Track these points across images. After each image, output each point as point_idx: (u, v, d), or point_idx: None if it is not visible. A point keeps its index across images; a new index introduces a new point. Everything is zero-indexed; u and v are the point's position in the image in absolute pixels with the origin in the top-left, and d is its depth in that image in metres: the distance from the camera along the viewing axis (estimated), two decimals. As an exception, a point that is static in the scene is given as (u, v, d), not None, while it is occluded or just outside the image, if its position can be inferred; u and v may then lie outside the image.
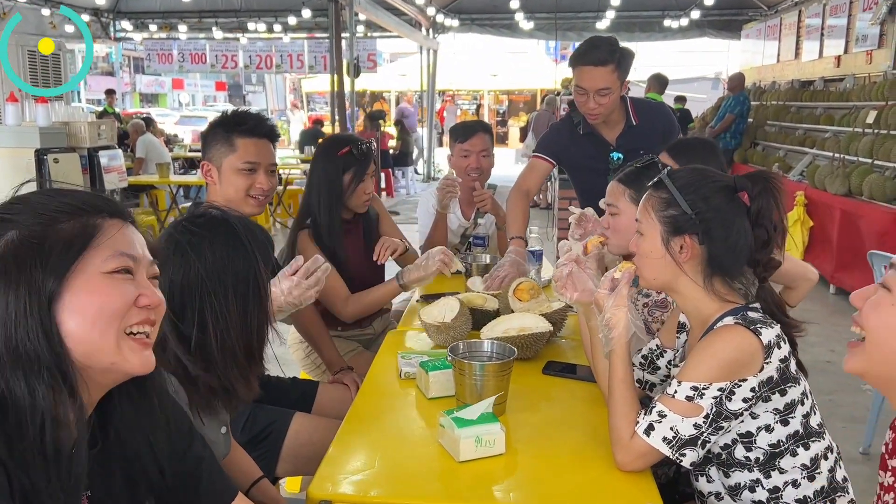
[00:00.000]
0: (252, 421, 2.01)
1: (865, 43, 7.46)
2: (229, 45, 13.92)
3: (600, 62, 2.56)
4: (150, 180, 7.44)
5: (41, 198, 0.92)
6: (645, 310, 2.00)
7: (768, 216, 1.43)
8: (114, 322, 0.91)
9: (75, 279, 0.89)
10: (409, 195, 12.30)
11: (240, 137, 2.07)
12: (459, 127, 3.15)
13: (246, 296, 1.38)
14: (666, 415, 1.37)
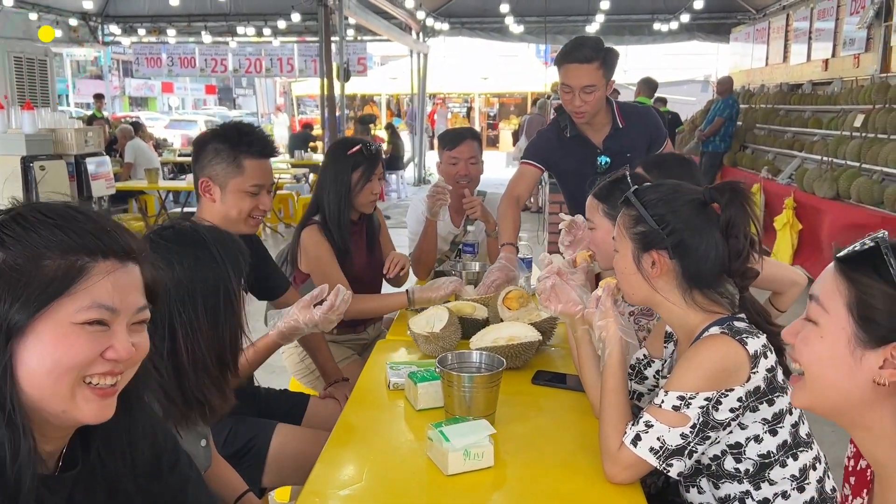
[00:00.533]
0: (233, 434, 1.99)
1: (853, 47, 7.51)
2: (219, 48, 13.87)
3: (585, 59, 2.59)
4: (139, 186, 7.40)
5: (41, 224, 0.88)
6: (631, 318, 2.00)
7: (740, 226, 1.43)
8: (70, 373, 0.87)
9: (42, 323, 0.85)
10: (399, 199, 12.29)
11: (248, 159, 2.02)
12: (448, 134, 3.15)
13: (216, 308, 1.37)
14: (653, 425, 1.37)
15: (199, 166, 2.04)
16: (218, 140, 2.02)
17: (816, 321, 0.97)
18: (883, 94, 6.18)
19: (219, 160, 2.01)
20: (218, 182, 2.01)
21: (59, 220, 0.89)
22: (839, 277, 0.94)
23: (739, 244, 1.43)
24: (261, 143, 2.05)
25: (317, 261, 2.50)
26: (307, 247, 2.54)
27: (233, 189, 2.01)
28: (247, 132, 2.04)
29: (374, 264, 2.74)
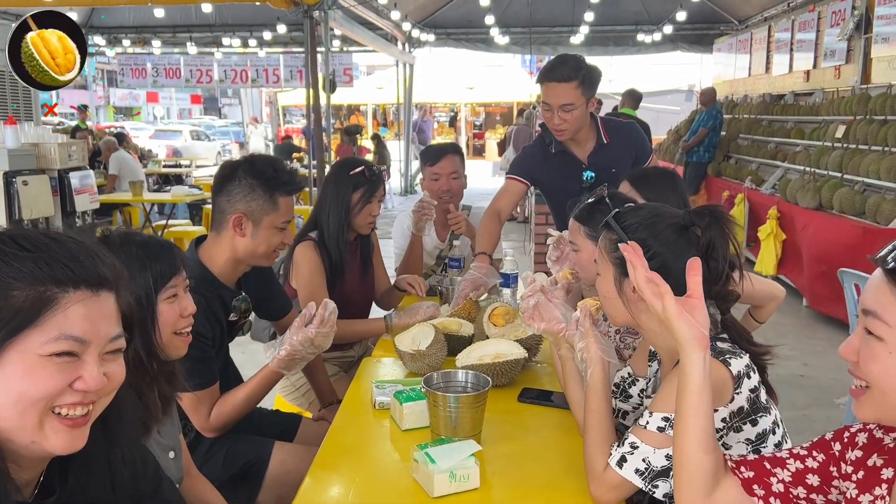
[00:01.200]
0: (232, 454, 1.99)
1: (833, 58, 7.60)
2: (204, 59, 13.84)
3: (564, 78, 2.61)
4: (123, 199, 7.35)
5: (11, 254, 0.87)
6: (616, 336, 2.01)
7: (720, 248, 1.44)
8: (37, 404, 0.86)
9: (8, 354, 0.85)
10: (386, 209, 12.29)
11: (282, 196, 2.04)
12: (429, 150, 3.17)
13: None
14: (638, 446, 1.37)
15: (231, 200, 2.00)
16: (253, 176, 2.00)
17: (881, 336, 0.95)
18: (863, 106, 6.26)
19: (255, 196, 2.00)
20: (252, 218, 2.00)
21: (32, 249, 0.88)
22: (895, 288, 0.93)
23: (719, 267, 1.44)
24: (293, 181, 2.09)
25: (307, 278, 2.49)
26: (299, 263, 2.53)
27: (267, 225, 2.01)
28: (281, 169, 2.06)
29: (366, 285, 2.75)
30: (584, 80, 2.62)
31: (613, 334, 2.02)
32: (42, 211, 3.99)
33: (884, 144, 5.66)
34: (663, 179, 2.27)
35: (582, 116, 2.67)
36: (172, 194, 7.29)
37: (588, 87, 2.64)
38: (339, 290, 2.56)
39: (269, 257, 2.09)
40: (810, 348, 4.94)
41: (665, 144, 11.16)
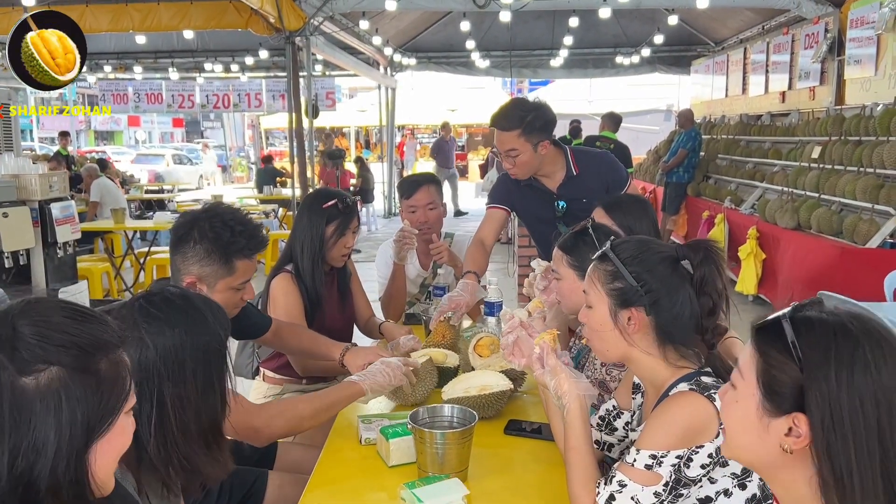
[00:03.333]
0: (228, 489, 1.97)
1: (808, 79, 7.75)
2: (186, 84, 13.84)
3: (505, 128, 2.68)
4: (105, 227, 7.30)
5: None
6: (603, 369, 2.02)
7: (712, 283, 1.47)
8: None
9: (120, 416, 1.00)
10: (370, 231, 12.29)
11: (240, 259, 1.97)
12: (404, 183, 3.18)
13: (208, 374, 1.37)
14: (626, 484, 1.38)
15: (186, 263, 1.95)
16: (209, 241, 1.93)
17: (735, 385, 1.04)
18: (838, 127, 6.37)
19: (210, 262, 1.93)
20: (206, 282, 1.95)
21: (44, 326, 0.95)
22: (753, 347, 1.02)
23: (711, 302, 1.47)
24: (253, 242, 2.00)
25: (285, 311, 2.49)
26: (276, 296, 2.53)
27: (221, 288, 1.96)
28: (240, 231, 1.97)
29: (346, 315, 2.75)
30: (526, 128, 2.65)
31: (599, 366, 2.03)
32: (23, 243, 3.96)
33: (859, 165, 5.77)
34: (636, 206, 2.30)
35: (530, 161, 2.71)
36: (154, 221, 7.24)
37: (531, 132, 2.66)
38: (318, 322, 2.56)
39: (227, 314, 2.07)
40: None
41: (645, 165, 11.28)
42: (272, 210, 10.03)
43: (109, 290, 6.72)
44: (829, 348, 0.96)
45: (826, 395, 0.94)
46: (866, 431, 0.93)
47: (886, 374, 0.94)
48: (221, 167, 24.70)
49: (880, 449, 0.93)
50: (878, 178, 5.48)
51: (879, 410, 0.93)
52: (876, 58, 6.36)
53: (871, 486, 0.92)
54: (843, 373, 0.94)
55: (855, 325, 0.97)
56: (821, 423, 0.95)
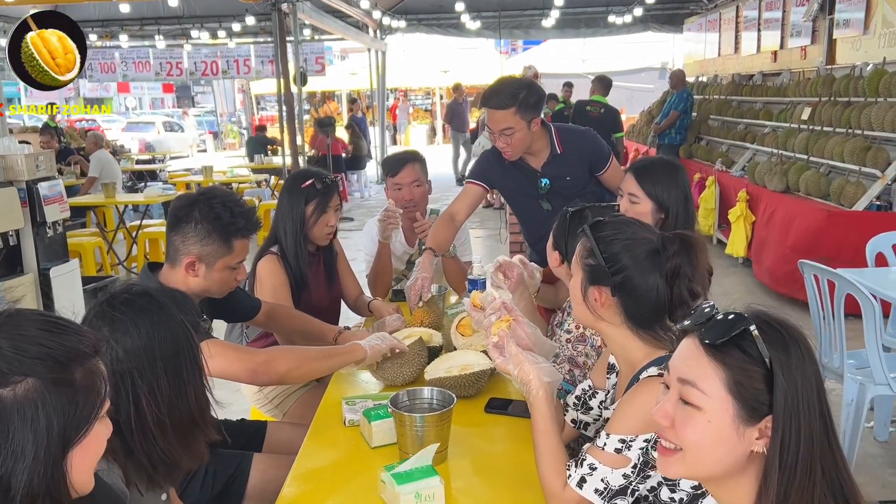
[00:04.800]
0: (212, 475, 2.03)
1: (800, 37, 7.69)
2: (173, 51, 13.69)
3: (500, 106, 2.65)
4: (96, 201, 7.28)
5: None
6: (569, 345, 2.08)
7: (685, 275, 1.49)
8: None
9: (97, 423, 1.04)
10: (363, 198, 12.29)
11: (238, 239, 2.05)
12: (389, 160, 3.18)
13: (178, 369, 1.40)
14: (596, 467, 1.43)
15: (187, 243, 2.01)
16: (209, 221, 2.00)
17: (699, 405, 1.01)
18: (828, 87, 6.35)
19: (210, 241, 2.01)
20: (205, 261, 2.02)
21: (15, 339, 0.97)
22: (712, 361, 1.00)
23: (683, 294, 1.49)
24: (250, 223, 2.08)
25: (271, 292, 2.53)
26: (262, 278, 2.57)
27: (220, 267, 2.04)
28: (239, 213, 2.05)
29: (333, 294, 2.78)
30: (521, 105, 2.64)
31: (565, 342, 2.08)
32: (12, 223, 3.97)
33: (847, 127, 5.76)
34: (666, 175, 2.27)
35: (524, 138, 2.71)
36: (145, 195, 7.25)
37: (526, 110, 2.66)
38: (305, 302, 2.60)
39: (222, 294, 2.13)
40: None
41: (638, 126, 11.24)
42: (264, 179, 10.00)
43: (102, 264, 6.75)
44: (786, 343, 0.99)
45: (790, 397, 0.98)
46: (814, 431, 0.97)
47: (818, 371, 1.00)
48: (213, 133, 24.53)
49: (827, 446, 0.98)
50: (866, 140, 5.49)
51: (823, 407, 0.99)
52: (866, 17, 6.30)
53: (813, 486, 0.97)
54: (797, 373, 0.98)
55: (788, 326, 1.01)
56: (781, 415, 0.98)
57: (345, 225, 9.18)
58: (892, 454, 3.38)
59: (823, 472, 0.98)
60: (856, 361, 3.13)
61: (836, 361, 3.13)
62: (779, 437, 0.98)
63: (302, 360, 2.06)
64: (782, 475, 0.98)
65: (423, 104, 25.65)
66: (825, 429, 0.98)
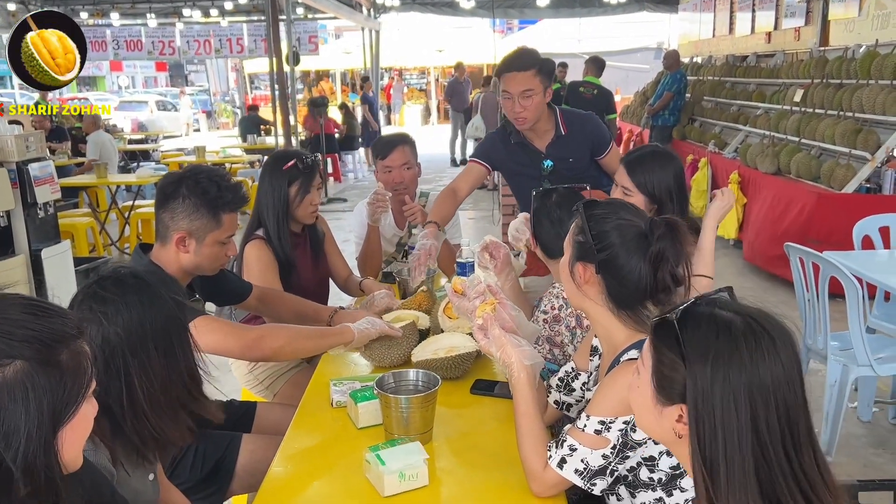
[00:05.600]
0: (201, 455, 2.06)
1: (794, 18, 7.67)
2: (165, 30, 13.58)
3: (522, 67, 2.74)
4: (88, 182, 7.26)
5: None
6: (546, 325, 2.11)
7: (669, 260, 1.51)
8: None
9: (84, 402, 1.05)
10: (356, 179, 12.27)
11: (226, 213, 2.07)
12: (379, 142, 3.19)
13: (169, 347, 1.43)
14: (577, 448, 1.47)
15: (175, 218, 2.04)
16: (197, 195, 2.03)
17: (639, 372, 1.14)
18: (820, 69, 6.35)
19: (199, 216, 2.03)
20: (196, 236, 2.05)
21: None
22: (650, 342, 1.11)
23: (666, 278, 1.51)
24: (238, 198, 2.11)
25: (259, 276, 2.54)
26: (250, 262, 2.58)
27: (210, 242, 2.06)
28: (225, 187, 2.08)
29: (320, 275, 2.80)
30: (541, 69, 2.75)
31: (542, 323, 2.11)
32: (2, 205, 3.98)
33: (839, 109, 5.77)
34: (654, 161, 2.32)
35: (541, 104, 2.79)
36: (137, 175, 7.23)
37: (545, 75, 2.77)
38: (294, 283, 2.63)
39: (214, 270, 2.15)
40: (768, 312, 5.09)
41: (632, 107, 11.22)
42: (257, 160, 9.97)
43: (95, 245, 6.75)
44: (708, 346, 1.03)
45: (700, 389, 1.02)
46: (738, 427, 1.00)
47: (765, 370, 1.01)
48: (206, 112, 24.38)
49: (756, 443, 1.00)
50: (857, 123, 5.50)
51: (755, 406, 1.01)
52: (860, -2, 6.29)
53: (740, 481, 1.00)
54: (719, 370, 1.02)
55: (741, 323, 1.04)
56: (695, 416, 1.03)
57: (338, 206, 9.18)
58: (875, 434, 3.44)
59: (758, 482, 1.00)
60: (839, 343, 3.17)
61: (821, 343, 3.17)
62: (694, 429, 1.04)
63: (293, 337, 2.11)
64: (705, 469, 1.03)
65: (418, 84, 25.52)
66: (758, 439, 1.00)
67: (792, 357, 1.04)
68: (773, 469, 1.00)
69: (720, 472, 1.01)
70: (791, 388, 1.03)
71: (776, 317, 1.07)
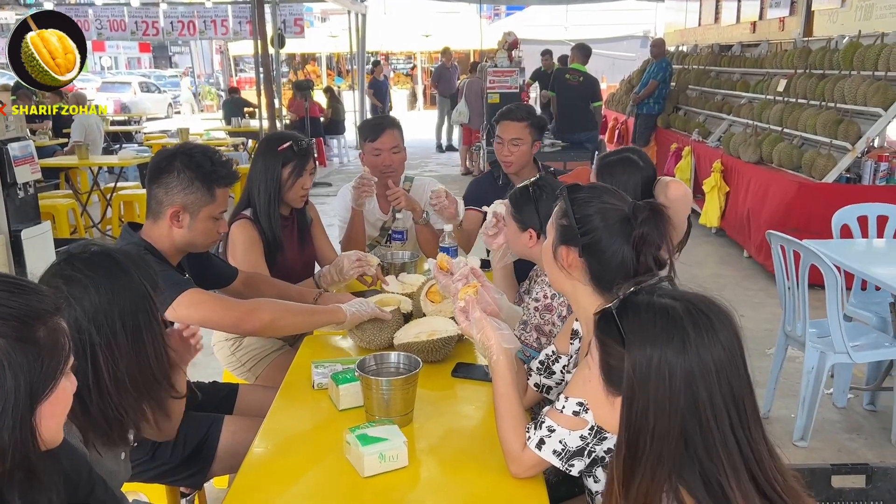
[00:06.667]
0: (183, 438, 2.06)
1: (779, 8, 7.70)
2: (149, 10, 13.36)
3: (517, 118, 3.10)
4: (69, 163, 7.18)
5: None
6: (536, 313, 2.12)
7: (651, 244, 1.53)
8: None
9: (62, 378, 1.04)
10: (342, 164, 12.22)
11: (219, 188, 2.09)
12: (368, 124, 3.19)
13: (137, 328, 1.42)
14: (555, 429, 1.48)
15: (169, 192, 2.04)
16: (191, 169, 2.04)
17: (589, 366, 1.16)
18: (804, 60, 6.39)
19: (193, 189, 2.04)
20: (190, 210, 2.05)
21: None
22: (595, 335, 1.13)
23: (649, 261, 1.53)
24: (230, 173, 2.13)
25: (243, 255, 2.54)
26: (235, 242, 2.58)
27: (203, 216, 2.07)
28: (218, 162, 2.09)
29: (305, 258, 2.80)
30: (532, 122, 3.10)
31: (533, 311, 2.13)
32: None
33: (821, 99, 5.82)
34: (620, 166, 2.41)
35: (527, 153, 3.10)
36: (119, 157, 7.15)
37: (535, 129, 3.11)
38: (279, 265, 2.63)
39: (206, 247, 2.16)
40: (748, 299, 5.14)
41: (617, 95, 11.23)
42: (241, 143, 9.91)
43: (76, 227, 6.68)
44: (647, 332, 1.05)
45: (638, 373, 1.04)
46: (671, 408, 1.02)
47: (706, 353, 1.03)
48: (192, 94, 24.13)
49: (696, 425, 1.02)
50: (838, 113, 5.55)
51: (695, 388, 1.03)
52: (844, -11, 6.32)
53: (659, 460, 1.03)
54: (655, 352, 1.04)
55: (680, 308, 1.06)
56: (629, 397, 1.05)
57: (323, 190, 9.14)
58: (849, 420, 3.50)
59: (699, 462, 1.02)
60: (817, 330, 3.22)
61: (799, 329, 3.22)
62: (626, 408, 1.06)
63: (284, 312, 2.13)
64: (628, 447, 1.05)
65: (404, 69, 25.39)
66: (699, 420, 1.02)
67: (732, 337, 1.06)
68: (713, 449, 1.02)
69: (645, 450, 1.03)
70: (734, 367, 1.05)
71: (715, 299, 1.09)
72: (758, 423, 1.05)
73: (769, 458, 1.04)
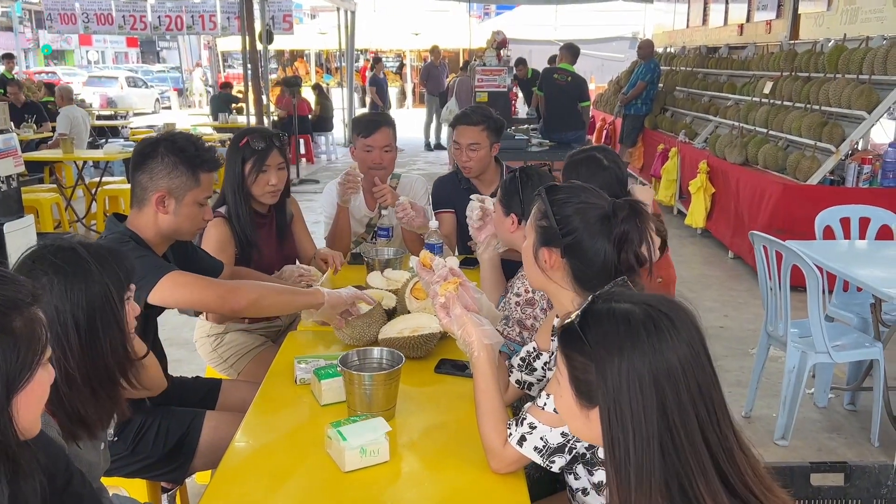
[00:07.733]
0: (164, 431, 2.05)
1: (766, 11, 7.75)
2: (137, 4, 13.27)
3: (473, 123, 3.09)
4: (53, 157, 7.12)
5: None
6: (518, 308, 2.13)
7: (632, 242, 1.53)
8: None
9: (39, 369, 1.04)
10: (329, 161, 12.19)
11: (204, 173, 2.08)
12: (362, 120, 3.17)
13: (93, 326, 1.40)
14: (536, 426, 1.49)
15: (153, 178, 2.03)
16: (175, 153, 2.04)
17: (559, 381, 1.15)
18: (790, 62, 6.44)
19: (177, 173, 2.04)
20: (175, 195, 2.04)
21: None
22: (560, 352, 1.12)
23: (630, 259, 1.54)
24: (213, 158, 2.12)
25: (215, 254, 2.52)
26: (208, 239, 2.56)
27: (189, 201, 2.06)
28: (202, 147, 2.09)
29: (284, 255, 2.79)
30: (488, 125, 3.08)
31: (514, 306, 2.13)
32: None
33: (806, 102, 5.86)
34: (585, 166, 2.40)
35: (485, 157, 3.11)
36: (105, 151, 7.09)
37: (492, 132, 3.10)
38: (256, 263, 2.61)
39: (192, 233, 2.15)
40: (732, 300, 5.18)
41: (605, 95, 11.28)
42: (228, 138, 9.85)
43: (60, 221, 6.63)
44: (611, 340, 1.05)
45: (611, 385, 1.04)
46: (646, 415, 1.02)
47: (670, 353, 1.03)
48: (178, 91, 23.99)
49: (664, 426, 1.01)
50: (823, 116, 5.59)
51: (662, 390, 1.02)
52: (829, -8, 6.37)
53: (648, 471, 1.02)
54: (623, 360, 1.03)
55: (639, 311, 1.06)
56: (607, 411, 1.04)
57: (310, 187, 9.12)
58: (830, 419, 3.53)
59: (663, 465, 1.02)
60: (799, 330, 3.25)
61: (781, 330, 3.24)
62: (607, 423, 1.05)
63: (266, 291, 2.13)
64: (614, 464, 1.04)
65: (393, 66, 25.35)
66: (665, 422, 1.02)
67: (694, 335, 1.06)
68: (682, 451, 1.01)
69: (630, 464, 1.02)
70: (699, 365, 1.05)
71: (674, 299, 1.09)
72: (726, 418, 1.05)
73: (740, 452, 1.04)
